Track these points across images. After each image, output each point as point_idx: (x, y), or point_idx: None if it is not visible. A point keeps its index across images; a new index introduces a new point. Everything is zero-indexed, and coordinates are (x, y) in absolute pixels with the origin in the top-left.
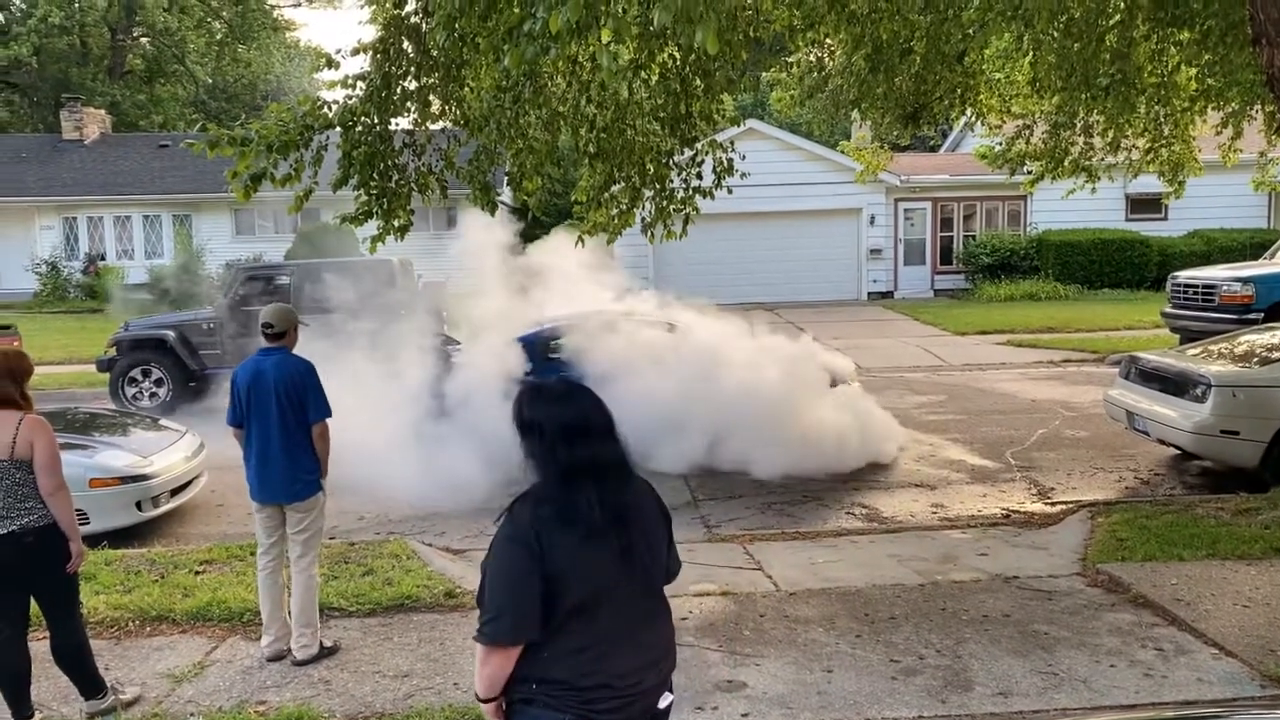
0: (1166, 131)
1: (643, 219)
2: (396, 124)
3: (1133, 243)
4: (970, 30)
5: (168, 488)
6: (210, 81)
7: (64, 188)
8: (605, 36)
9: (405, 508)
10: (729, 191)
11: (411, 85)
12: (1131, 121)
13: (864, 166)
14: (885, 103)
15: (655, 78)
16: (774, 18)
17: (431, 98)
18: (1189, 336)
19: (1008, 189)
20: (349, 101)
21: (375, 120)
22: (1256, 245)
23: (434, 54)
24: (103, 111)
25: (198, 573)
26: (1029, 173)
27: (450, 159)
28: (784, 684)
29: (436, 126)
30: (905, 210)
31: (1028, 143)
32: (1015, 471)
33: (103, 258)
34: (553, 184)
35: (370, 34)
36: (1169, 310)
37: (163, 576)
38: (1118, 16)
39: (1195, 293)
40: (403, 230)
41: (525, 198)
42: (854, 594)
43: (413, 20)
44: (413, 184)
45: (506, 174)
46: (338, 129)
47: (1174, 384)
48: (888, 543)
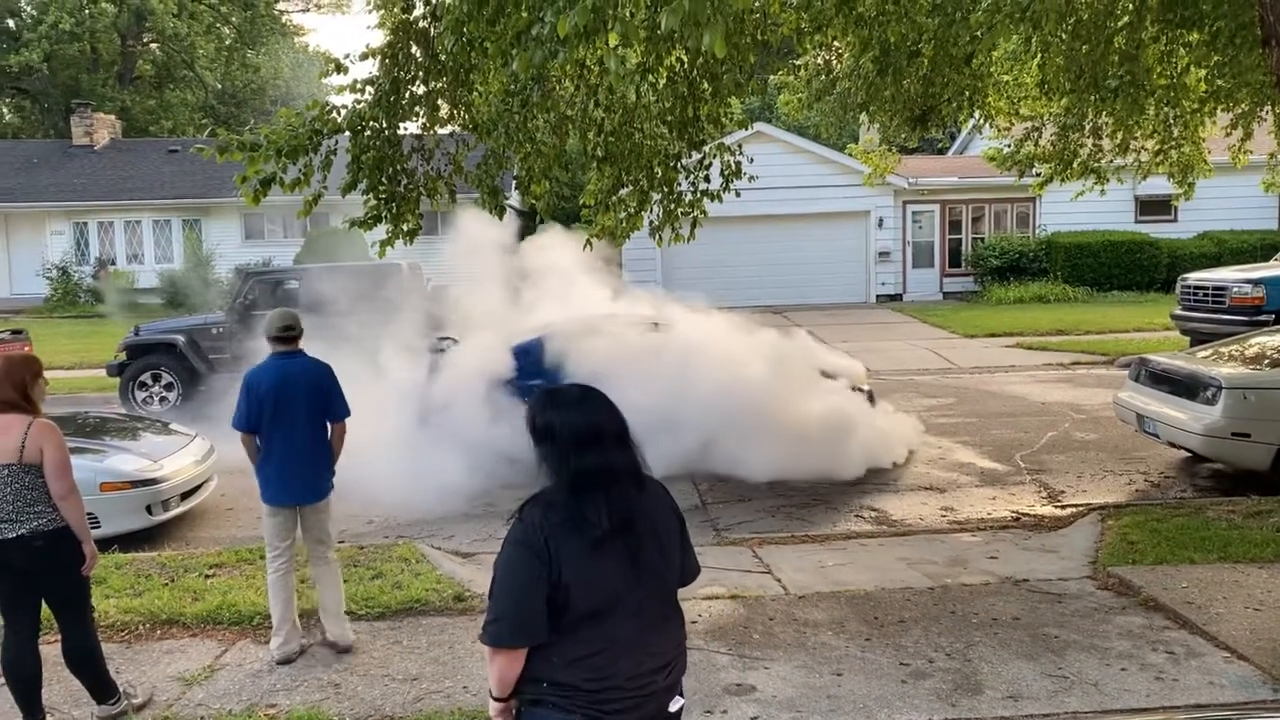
0: (1176, 133)
1: (650, 222)
2: (405, 128)
3: (1142, 245)
4: (978, 32)
5: (178, 491)
6: (219, 87)
7: (74, 193)
8: (613, 40)
9: (414, 511)
10: (737, 194)
11: (420, 90)
12: (1140, 123)
13: (872, 169)
14: (893, 105)
15: (663, 81)
16: (782, 21)
17: (440, 102)
18: (1199, 339)
19: (1016, 191)
20: (358, 106)
21: (384, 125)
22: (1267, 247)
23: (442, 58)
24: (113, 117)
25: (208, 576)
26: (1038, 175)
27: (459, 163)
28: (793, 687)
29: (445, 131)
30: (913, 213)
31: (1036, 145)
32: (1025, 474)
33: (113, 262)
34: (561, 187)
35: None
36: (1179, 312)
37: (173, 580)
38: (1126, 18)
39: (1205, 295)
40: (411, 234)
41: (533, 201)
42: (863, 597)
43: (421, 25)
44: (421, 188)
45: (515, 178)
46: (347, 133)
47: (1184, 386)
48: (897, 546)
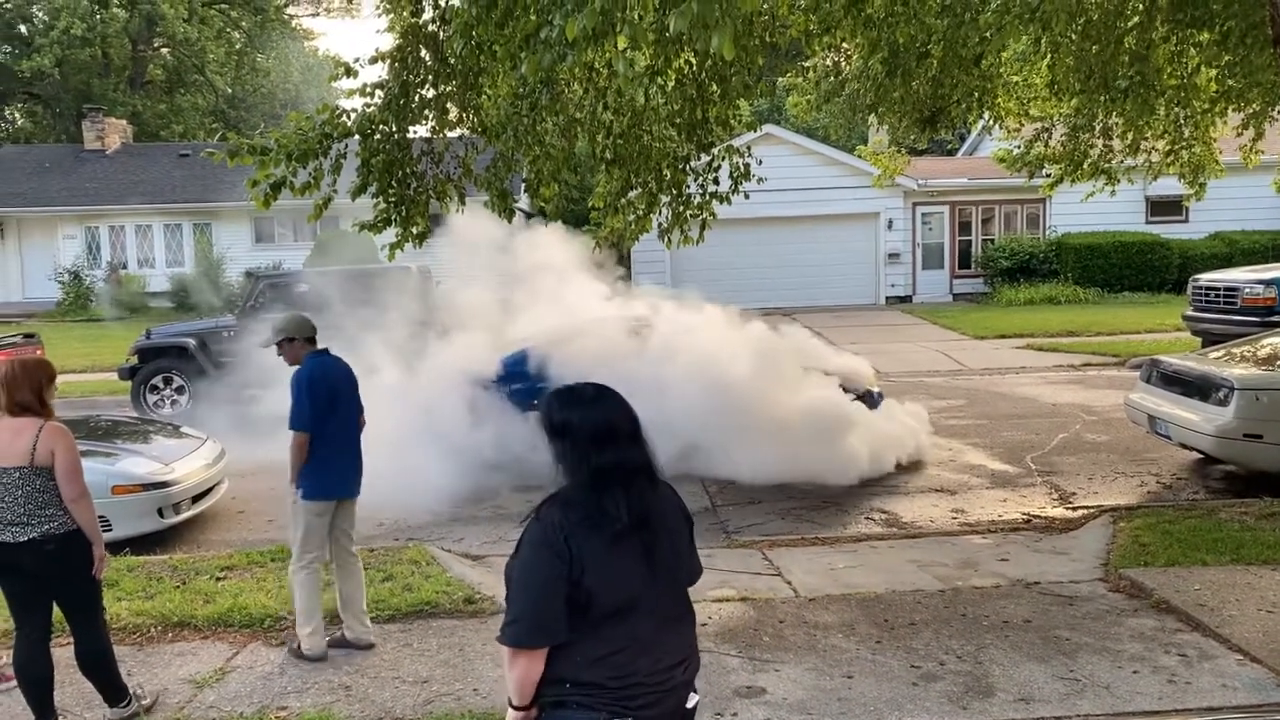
0: (1187, 133)
1: (659, 224)
2: (415, 132)
3: (1153, 245)
4: (987, 33)
5: (189, 494)
6: (230, 91)
7: (86, 197)
8: (621, 43)
9: (424, 513)
10: (746, 196)
11: (429, 93)
12: (1151, 123)
13: (881, 171)
14: (902, 106)
15: (672, 84)
16: (790, 23)
17: (449, 105)
18: (1211, 340)
19: (1026, 192)
20: (367, 110)
21: (393, 128)
22: (1279, 247)
23: (451, 62)
24: (124, 122)
25: (219, 579)
26: (1048, 176)
27: (468, 166)
28: (804, 690)
29: (454, 134)
30: (923, 214)
31: (1046, 146)
32: (1036, 476)
33: (124, 266)
34: (570, 190)
35: (388, 42)
36: (1190, 313)
37: (184, 583)
38: (1136, 18)
39: (1217, 295)
40: (421, 237)
41: (542, 204)
42: (874, 600)
43: (430, 29)
44: (431, 191)
45: (524, 180)
46: (356, 137)
47: (1196, 387)
48: (908, 548)
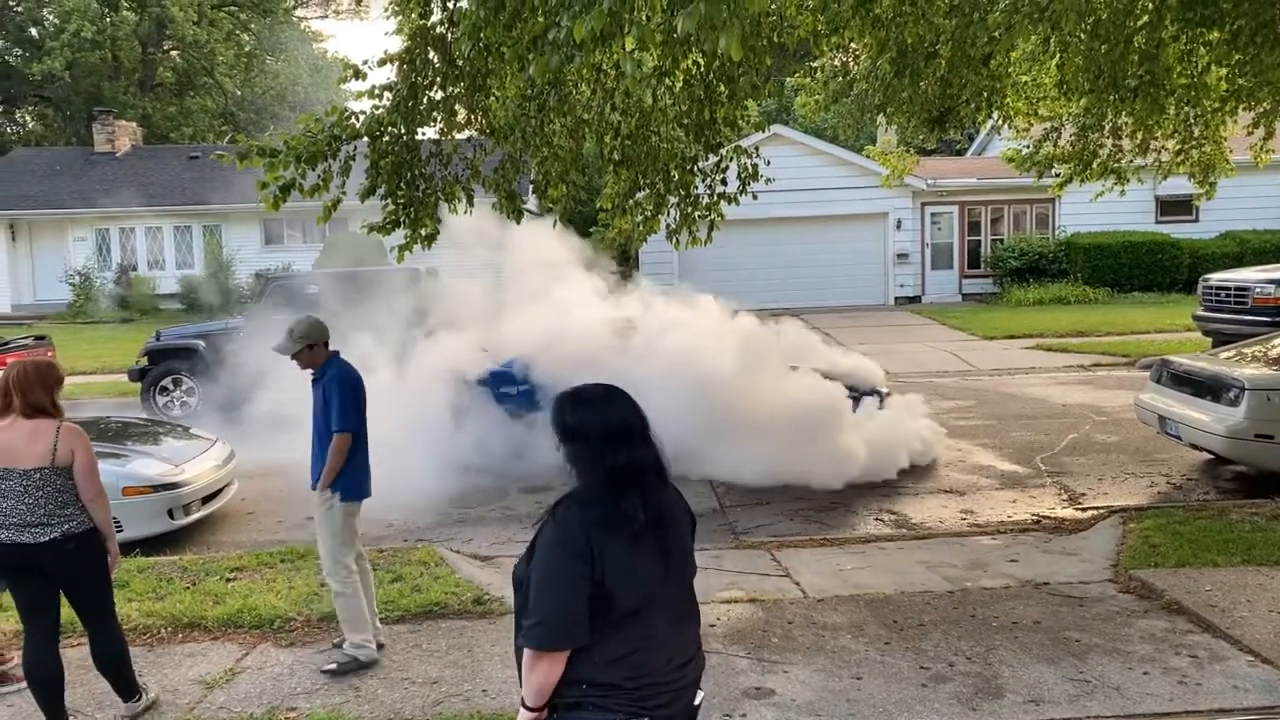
0: (1196, 133)
1: (668, 225)
2: (423, 133)
3: (1163, 245)
4: (996, 33)
5: (199, 495)
6: (239, 93)
7: (97, 200)
8: (629, 44)
9: (433, 514)
10: (754, 197)
11: (438, 95)
12: (1161, 123)
13: (890, 171)
14: (911, 106)
15: (679, 84)
16: (798, 23)
17: (457, 107)
18: (1221, 340)
19: (1035, 192)
20: (376, 112)
21: (402, 130)
22: None
23: (459, 64)
24: (134, 124)
25: (229, 580)
26: (1057, 176)
27: (476, 167)
28: (813, 691)
29: (462, 135)
30: (932, 214)
31: (1055, 145)
32: (1045, 477)
33: (134, 268)
34: (577, 191)
35: (396, 44)
36: (1200, 313)
37: (194, 584)
38: (1146, 17)
39: (1227, 295)
40: (430, 239)
41: (550, 205)
42: (883, 601)
43: (438, 31)
44: (439, 193)
45: (532, 182)
46: (365, 139)
47: (1207, 388)
48: (916, 549)
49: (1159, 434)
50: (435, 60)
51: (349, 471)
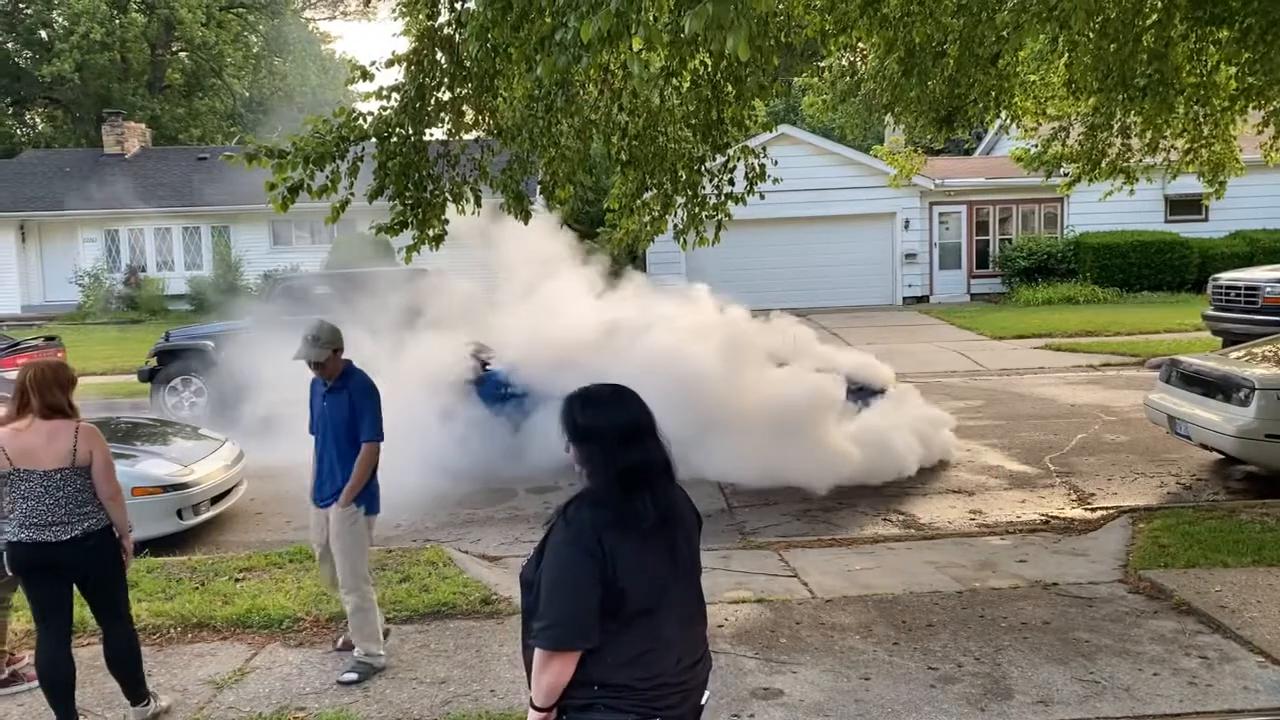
0: (1206, 131)
1: (675, 225)
2: (431, 134)
3: (1172, 244)
4: (1004, 32)
5: (208, 496)
6: (247, 94)
7: (106, 201)
8: (636, 45)
9: (441, 514)
10: (761, 197)
11: (445, 96)
12: (1170, 122)
13: (897, 170)
14: (918, 106)
15: (687, 85)
16: (806, 23)
17: (465, 108)
18: (1231, 339)
19: (1044, 191)
20: (384, 113)
21: (410, 131)
22: None
23: (467, 64)
24: (143, 125)
25: (237, 580)
26: (1065, 175)
27: (484, 168)
28: (821, 691)
29: (470, 136)
30: (940, 214)
31: (1064, 145)
32: (1054, 477)
33: (143, 269)
34: (585, 192)
35: (404, 45)
36: (1210, 313)
37: (203, 584)
38: (1155, 16)
39: (1237, 295)
40: (437, 240)
41: (558, 205)
42: (891, 601)
43: (446, 31)
44: (447, 194)
45: (539, 182)
46: (373, 140)
47: (1217, 387)
48: (925, 549)
49: (1169, 434)
50: (443, 61)
51: (371, 484)
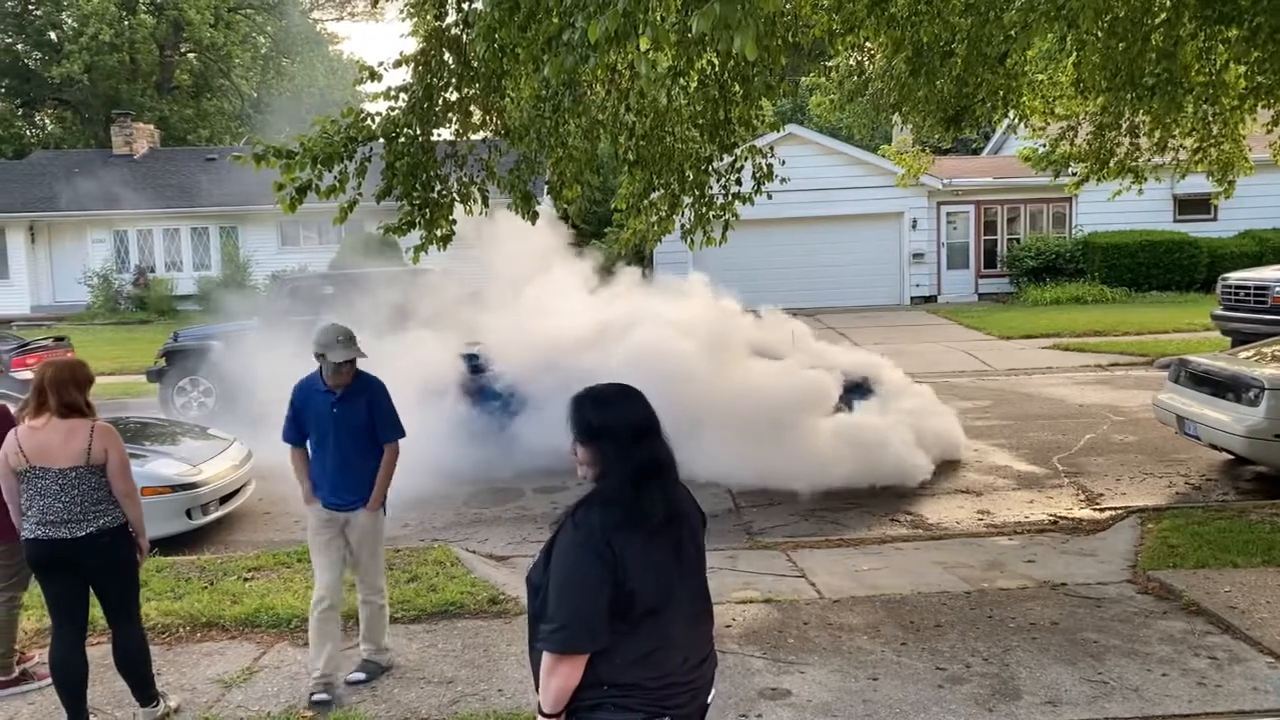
0: (1215, 130)
1: (682, 225)
2: (439, 135)
3: (1181, 244)
4: (1012, 32)
5: (217, 496)
6: (255, 95)
7: (115, 201)
8: (644, 45)
9: (449, 514)
10: (769, 197)
11: (453, 96)
12: (1179, 121)
13: (905, 170)
14: (926, 106)
15: (694, 84)
16: (813, 22)
17: (472, 108)
18: (1241, 339)
19: (1052, 191)
20: (391, 113)
21: (418, 131)
22: None
23: (474, 65)
24: (151, 126)
25: (246, 579)
26: (1073, 175)
27: (491, 169)
28: (829, 692)
29: (478, 136)
30: (948, 214)
31: (1072, 144)
32: (1063, 477)
33: (152, 270)
34: (592, 192)
35: (412, 46)
36: (1219, 312)
37: (212, 583)
38: (1164, 15)
39: (1247, 294)
40: (445, 240)
41: (565, 206)
42: (899, 601)
43: (453, 32)
44: (455, 194)
45: (547, 183)
46: (381, 140)
47: (1226, 387)
48: (933, 550)
49: (1177, 434)
50: (450, 61)
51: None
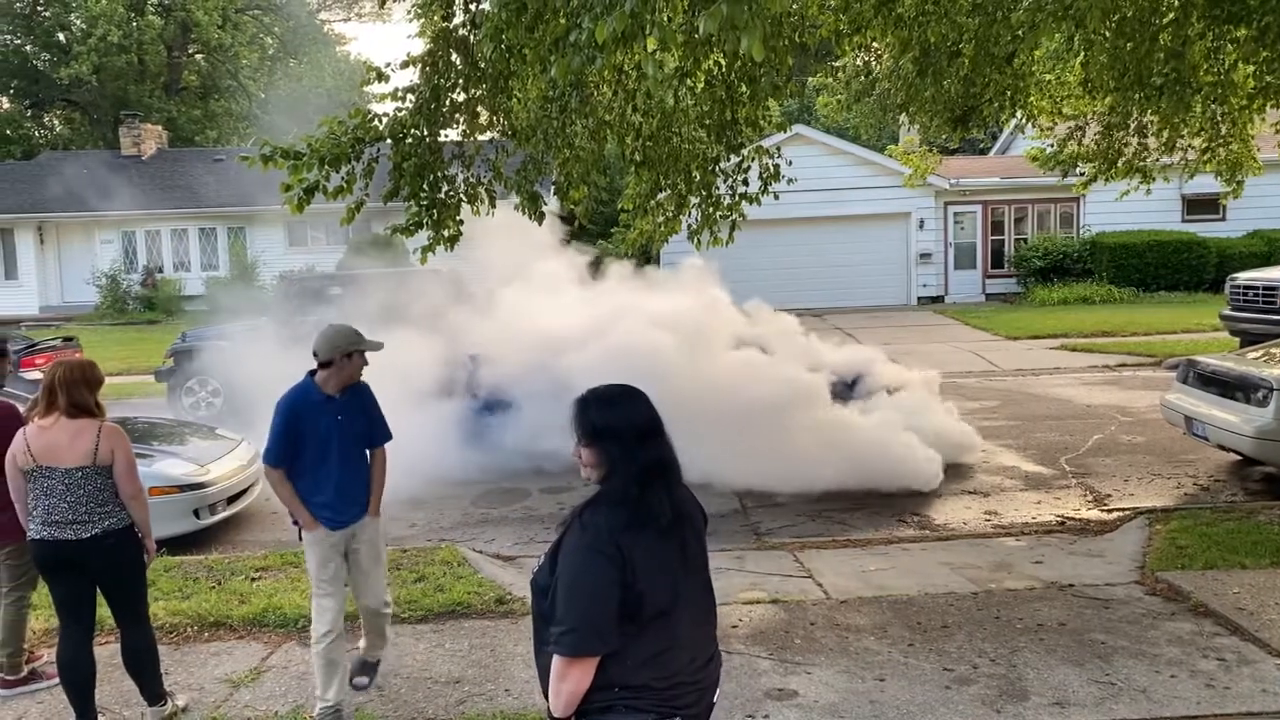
0: (1224, 130)
1: (689, 226)
2: (446, 135)
3: (1189, 244)
4: (1020, 31)
5: (224, 495)
6: (263, 96)
7: (123, 202)
8: (650, 45)
9: (455, 514)
10: (775, 197)
11: (460, 97)
12: (1187, 121)
13: (912, 170)
14: (933, 106)
15: (701, 85)
16: (820, 23)
17: (479, 109)
18: (1249, 339)
19: (1060, 191)
20: (399, 114)
21: (425, 132)
22: None
23: (481, 66)
24: (159, 127)
25: (254, 579)
26: (1081, 175)
27: (498, 169)
28: (835, 692)
29: (485, 137)
30: (955, 214)
31: (1080, 144)
32: (1070, 478)
33: (160, 270)
34: (599, 192)
35: (419, 47)
36: (1228, 313)
37: (219, 583)
38: (1172, 14)
39: (1255, 294)
40: (452, 240)
41: (572, 206)
42: (906, 602)
43: (460, 33)
44: (462, 195)
45: (553, 183)
46: (388, 141)
47: (1234, 388)
48: (940, 550)
49: (1186, 435)
50: (457, 62)
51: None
